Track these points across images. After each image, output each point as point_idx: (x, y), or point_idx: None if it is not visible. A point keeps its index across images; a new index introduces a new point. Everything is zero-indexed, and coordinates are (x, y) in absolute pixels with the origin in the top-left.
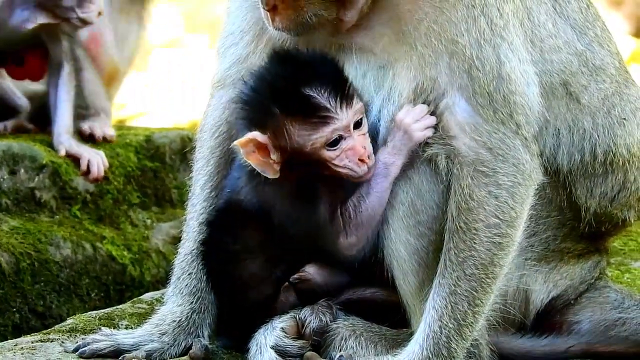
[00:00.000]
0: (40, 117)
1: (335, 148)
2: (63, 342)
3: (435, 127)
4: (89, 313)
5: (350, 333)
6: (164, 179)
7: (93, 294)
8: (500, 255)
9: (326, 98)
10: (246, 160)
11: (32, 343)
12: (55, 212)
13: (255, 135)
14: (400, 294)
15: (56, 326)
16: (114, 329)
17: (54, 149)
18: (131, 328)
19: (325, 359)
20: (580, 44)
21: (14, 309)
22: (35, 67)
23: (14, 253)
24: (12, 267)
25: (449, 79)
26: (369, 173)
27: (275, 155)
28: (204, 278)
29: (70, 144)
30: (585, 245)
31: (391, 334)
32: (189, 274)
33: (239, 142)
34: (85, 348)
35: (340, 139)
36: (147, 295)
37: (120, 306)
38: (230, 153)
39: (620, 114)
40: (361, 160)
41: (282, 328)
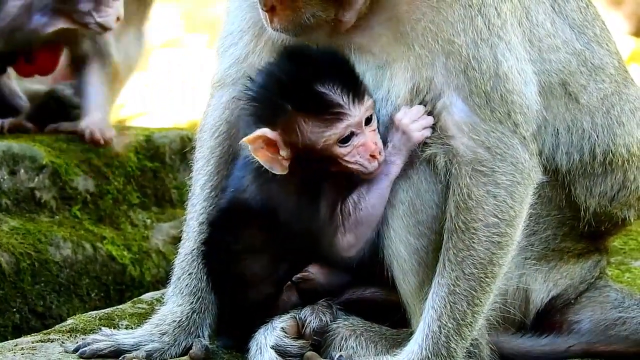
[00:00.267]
0: (40, 117)
1: (347, 144)
2: (63, 343)
3: (434, 127)
4: (89, 313)
5: (350, 333)
6: (163, 179)
7: (93, 294)
8: (500, 255)
9: (339, 94)
10: (254, 157)
11: (32, 343)
12: (55, 212)
13: (265, 131)
14: (400, 293)
15: (56, 326)
16: (114, 329)
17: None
18: (131, 328)
19: (325, 358)
20: (579, 44)
21: (14, 309)
22: (44, 63)
23: (14, 253)
24: (12, 268)
25: (445, 79)
26: (378, 169)
27: (284, 151)
28: (205, 278)
29: (101, 133)
30: (585, 244)
31: (391, 334)
32: (189, 274)
33: (247, 139)
34: (85, 348)
35: (352, 135)
36: (147, 296)
37: (120, 306)
38: (230, 153)
39: (620, 113)
40: (372, 156)
41: (283, 328)
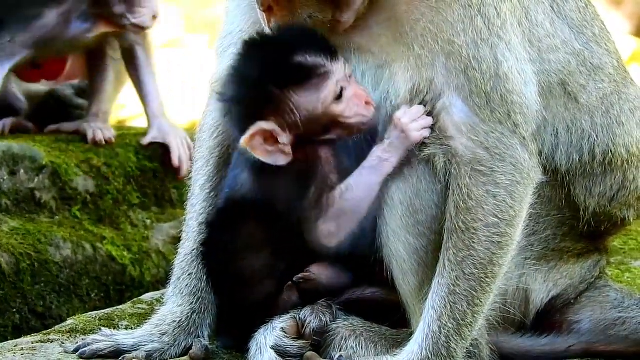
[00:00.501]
0: (40, 117)
1: (342, 100)
2: (63, 343)
3: (432, 128)
4: (89, 313)
5: (350, 333)
6: (163, 179)
7: (93, 295)
8: (500, 255)
9: (315, 57)
10: (253, 156)
11: (32, 344)
12: (55, 213)
13: (259, 125)
14: (399, 293)
15: (56, 327)
16: (114, 329)
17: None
18: (131, 328)
19: (325, 359)
20: (578, 43)
21: (14, 310)
22: (52, 68)
23: (14, 254)
24: (12, 268)
25: (445, 79)
26: (374, 117)
27: (284, 137)
28: (204, 278)
29: (162, 128)
30: (585, 244)
31: (391, 334)
32: (189, 274)
33: (244, 140)
34: (85, 348)
35: (342, 90)
36: (147, 296)
37: (120, 307)
38: (230, 153)
39: (619, 113)
40: (367, 103)
41: (282, 328)
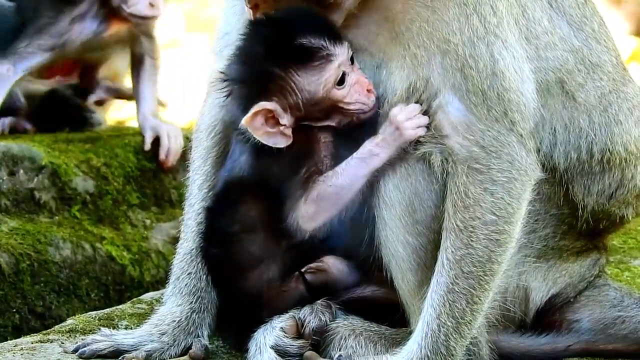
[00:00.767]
0: (39, 117)
1: (343, 86)
2: (63, 343)
3: (428, 127)
4: (89, 313)
5: (349, 332)
6: (163, 179)
7: (93, 295)
8: (498, 252)
9: (319, 39)
10: (256, 139)
11: (32, 344)
12: (55, 213)
13: (262, 104)
14: (399, 293)
15: (56, 327)
16: (113, 329)
17: (141, 131)
18: (131, 328)
19: (325, 358)
20: (577, 40)
21: (14, 310)
22: (67, 66)
23: (13, 254)
24: (12, 268)
25: (442, 78)
26: (375, 105)
27: (285, 118)
28: (204, 277)
29: (154, 125)
30: (584, 242)
31: (390, 333)
32: (188, 274)
33: (246, 119)
34: (85, 348)
35: (345, 75)
36: (147, 296)
37: (119, 306)
38: (227, 152)
39: (617, 112)
40: (369, 91)
41: (282, 328)
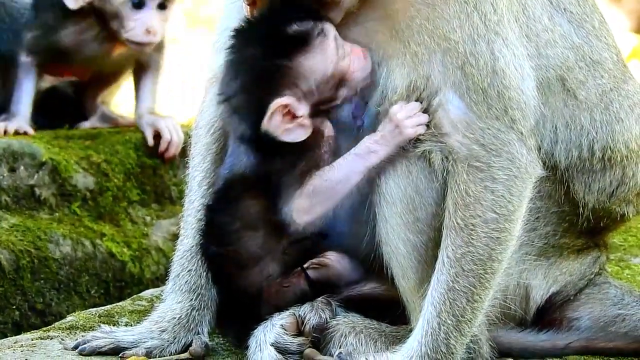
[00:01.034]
0: (40, 115)
1: (345, 55)
2: (63, 340)
3: (428, 125)
4: (89, 310)
5: (350, 330)
6: (163, 175)
7: (93, 291)
8: (499, 250)
9: (307, 20)
10: (278, 138)
11: (32, 340)
12: (55, 210)
13: (277, 102)
14: (399, 290)
15: (56, 323)
16: (113, 326)
17: (140, 128)
18: (131, 325)
19: (325, 355)
20: (577, 38)
21: (14, 307)
22: (80, 67)
23: (13, 250)
24: (12, 265)
25: (442, 76)
26: (372, 71)
27: (301, 108)
28: (204, 275)
29: (151, 121)
30: (585, 240)
31: (391, 331)
32: (188, 271)
33: (266, 122)
34: (84, 345)
35: (340, 46)
36: (147, 293)
37: (119, 303)
38: (226, 149)
39: (618, 109)
40: (364, 55)
41: (282, 325)
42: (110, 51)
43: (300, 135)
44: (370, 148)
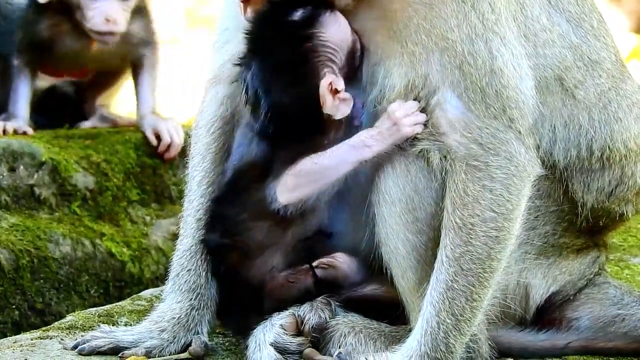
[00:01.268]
0: (39, 115)
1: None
2: (62, 339)
3: (425, 124)
4: (88, 310)
5: (349, 330)
6: (163, 175)
7: (92, 291)
8: (498, 249)
9: (301, 5)
10: (335, 115)
11: (32, 340)
12: (55, 209)
13: (324, 83)
14: (398, 290)
15: (55, 323)
16: (113, 326)
17: (141, 129)
18: (130, 325)
19: (324, 355)
20: (576, 37)
21: (14, 306)
22: (69, 65)
23: (13, 250)
24: (12, 264)
25: (440, 75)
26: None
27: (340, 83)
28: (203, 274)
29: (152, 123)
30: (584, 240)
31: (390, 331)
32: (187, 270)
33: (327, 106)
34: (84, 345)
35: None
36: (147, 292)
37: (119, 303)
38: (226, 149)
39: (617, 109)
40: None
41: (282, 325)
42: (89, 46)
43: (345, 110)
44: (365, 142)
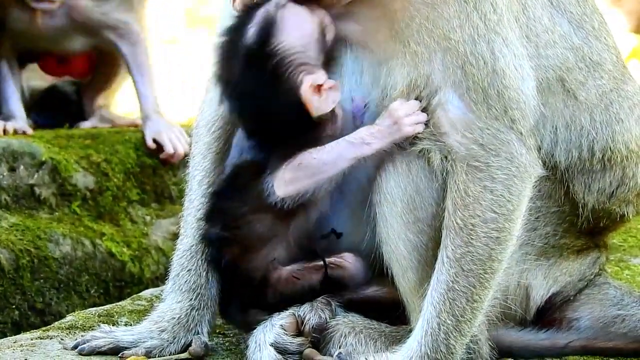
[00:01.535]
0: (39, 115)
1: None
2: (62, 339)
3: (427, 124)
4: (88, 310)
5: (349, 330)
6: (163, 175)
7: (92, 291)
8: (498, 250)
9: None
10: (326, 112)
11: (32, 340)
12: (55, 209)
13: (304, 88)
14: (399, 290)
15: (55, 323)
16: (113, 326)
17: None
18: (130, 325)
19: (324, 356)
20: (577, 38)
21: (14, 306)
22: (78, 65)
23: (13, 250)
24: (12, 264)
25: (442, 75)
26: None
27: (320, 74)
28: (203, 274)
29: (155, 131)
30: (585, 241)
31: (390, 331)
32: (187, 270)
33: (315, 109)
34: (84, 345)
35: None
36: (147, 292)
37: (119, 303)
38: (226, 148)
39: (618, 110)
40: None
41: (282, 325)
42: (35, 19)
43: (337, 95)
44: (365, 139)
